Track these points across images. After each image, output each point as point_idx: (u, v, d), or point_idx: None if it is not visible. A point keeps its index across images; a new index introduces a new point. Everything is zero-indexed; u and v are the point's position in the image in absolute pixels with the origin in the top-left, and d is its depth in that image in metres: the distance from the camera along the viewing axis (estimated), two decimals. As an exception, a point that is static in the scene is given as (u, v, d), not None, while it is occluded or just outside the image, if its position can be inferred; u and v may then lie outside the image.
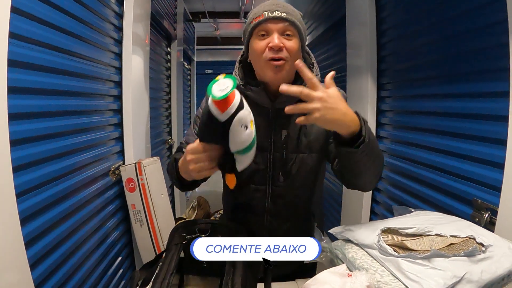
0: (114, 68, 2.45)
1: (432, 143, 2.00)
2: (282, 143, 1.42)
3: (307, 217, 1.61)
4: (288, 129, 1.42)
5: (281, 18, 1.29)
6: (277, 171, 1.44)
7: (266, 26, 1.30)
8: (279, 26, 1.30)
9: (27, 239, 1.37)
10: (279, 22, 1.29)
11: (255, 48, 1.34)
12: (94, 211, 2.08)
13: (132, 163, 2.43)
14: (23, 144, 1.41)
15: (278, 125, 1.42)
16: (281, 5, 1.31)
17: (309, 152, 1.44)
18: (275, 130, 1.42)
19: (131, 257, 2.70)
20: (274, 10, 1.29)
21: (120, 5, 2.52)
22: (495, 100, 1.53)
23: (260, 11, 1.32)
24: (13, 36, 1.31)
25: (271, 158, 1.43)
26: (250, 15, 1.37)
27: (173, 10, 4.67)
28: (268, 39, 1.30)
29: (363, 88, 2.74)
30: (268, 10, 1.30)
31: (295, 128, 1.42)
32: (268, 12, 1.29)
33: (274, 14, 1.29)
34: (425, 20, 2.07)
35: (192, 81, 7.24)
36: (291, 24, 1.31)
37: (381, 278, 0.93)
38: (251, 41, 1.37)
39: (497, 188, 1.45)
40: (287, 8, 1.32)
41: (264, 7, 1.32)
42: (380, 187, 2.67)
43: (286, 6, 1.33)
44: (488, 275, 0.91)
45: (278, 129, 1.42)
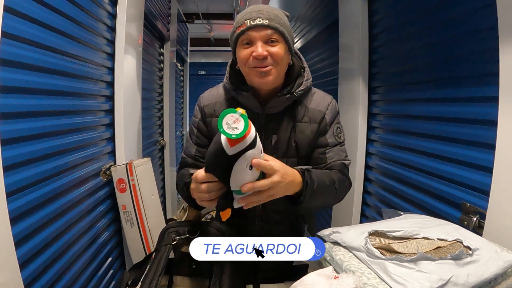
0: (106, 68, 2.44)
1: (422, 146, 2.01)
2: (273, 148, 1.43)
3: (297, 221, 1.62)
4: (278, 134, 1.43)
5: (263, 25, 1.27)
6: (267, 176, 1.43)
7: (249, 35, 1.29)
8: (262, 34, 1.28)
9: (17, 238, 1.37)
10: (262, 30, 1.28)
11: (240, 56, 1.33)
12: (85, 211, 2.07)
13: (123, 163, 2.43)
14: (13, 144, 1.41)
15: (268, 129, 1.43)
16: (263, 11, 1.29)
17: (298, 157, 1.46)
18: (266, 135, 1.43)
19: (122, 257, 2.69)
20: (256, 18, 1.27)
21: (113, 5, 2.52)
22: (484, 105, 1.55)
23: (242, 19, 1.30)
24: (5, 35, 1.31)
25: None
26: (234, 23, 1.36)
27: (167, 11, 4.66)
28: (252, 48, 1.29)
29: (354, 91, 2.76)
30: (249, 18, 1.28)
31: (285, 133, 1.44)
32: (250, 21, 1.27)
33: (256, 22, 1.27)
34: (417, 25, 2.09)
35: (185, 82, 7.22)
36: (275, 30, 1.28)
37: (367, 280, 0.94)
38: (236, 49, 1.37)
39: (486, 192, 1.47)
40: (269, 14, 1.29)
41: (245, 15, 1.30)
42: (370, 190, 2.69)
43: (268, 11, 1.30)
44: (474, 279, 0.92)
45: (268, 133, 1.43)
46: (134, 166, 2.40)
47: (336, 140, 1.48)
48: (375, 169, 2.63)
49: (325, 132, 1.47)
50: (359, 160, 2.74)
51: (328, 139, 1.46)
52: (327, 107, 1.48)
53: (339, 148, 1.48)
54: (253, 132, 0.94)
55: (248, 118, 0.93)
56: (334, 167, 1.43)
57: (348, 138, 2.79)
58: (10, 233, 1.30)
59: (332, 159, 1.45)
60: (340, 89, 3.05)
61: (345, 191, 1.43)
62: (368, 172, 2.74)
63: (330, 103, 1.49)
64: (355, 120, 2.73)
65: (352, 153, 2.75)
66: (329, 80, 3.58)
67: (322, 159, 1.45)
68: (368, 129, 2.73)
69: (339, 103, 2.92)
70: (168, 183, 4.75)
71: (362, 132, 2.72)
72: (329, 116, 1.47)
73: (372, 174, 2.68)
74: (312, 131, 1.45)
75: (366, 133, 2.72)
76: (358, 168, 2.74)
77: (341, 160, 1.46)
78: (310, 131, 1.45)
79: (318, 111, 1.46)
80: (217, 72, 9.58)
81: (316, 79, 1.82)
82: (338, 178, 1.37)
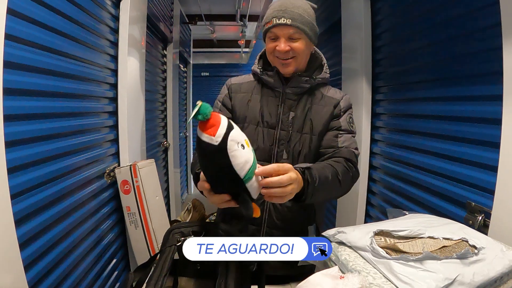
0: (109, 70, 2.45)
1: (426, 146, 2.01)
2: (289, 122, 1.56)
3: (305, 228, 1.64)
4: (295, 111, 1.58)
5: (286, 24, 1.45)
6: (281, 148, 1.56)
7: (274, 32, 1.49)
8: (285, 32, 1.47)
9: (21, 240, 1.37)
10: (285, 29, 1.47)
11: (268, 47, 1.56)
12: (89, 213, 2.07)
13: (127, 165, 2.43)
14: (18, 146, 1.42)
15: (286, 106, 1.59)
16: (288, 11, 1.46)
17: (311, 134, 1.55)
18: (284, 111, 1.58)
19: (126, 259, 2.70)
20: (281, 17, 1.46)
21: (116, 7, 2.52)
22: (488, 103, 1.55)
23: (269, 16, 1.50)
24: (9, 38, 1.32)
25: (277, 136, 1.56)
26: (264, 19, 1.56)
27: (170, 13, 4.67)
28: (276, 43, 1.50)
29: (358, 91, 2.75)
30: (276, 17, 1.47)
31: (302, 112, 1.58)
32: (276, 19, 1.46)
33: (280, 21, 1.46)
34: (420, 24, 2.09)
35: (188, 83, 7.23)
36: (297, 29, 1.46)
37: (373, 280, 0.94)
38: (266, 40, 1.57)
39: (491, 190, 1.46)
40: (293, 14, 1.46)
41: (272, 13, 1.49)
42: (375, 190, 2.68)
43: (293, 11, 1.46)
44: (480, 277, 0.91)
45: (286, 110, 1.58)
46: (138, 168, 2.41)
47: (349, 127, 1.59)
48: (379, 169, 2.62)
49: (338, 116, 1.59)
50: (363, 160, 2.73)
51: (341, 123, 1.58)
52: (342, 97, 1.64)
53: (351, 137, 1.58)
54: (224, 117, 0.98)
55: (271, 96, 1.57)
56: (343, 154, 1.50)
57: (352, 138, 2.80)
58: (15, 234, 1.31)
59: (343, 144, 1.53)
60: (344, 89, 3.04)
61: (350, 182, 1.48)
62: (372, 172, 2.74)
63: (344, 95, 1.66)
64: (359, 120, 2.72)
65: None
66: (333, 80, 3.56)
67: (334, 142, 1.55)
68: (372, 129, 2.72)
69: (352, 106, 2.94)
70: (172, 185, 4.75)
71: (366, 132, 2.71)
72: (343, 104, 1.62)
73: (376, 174, 2.68)
74: (327, 113, 1.58)
75: (370, 132, 2.72)
76: (363, 168, 2.73)
77: (352, 148, 1.54)
78: (325, 113, 1.58)
79: (333, 98, 1.62)
80: (220, 73, 9.52)
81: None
82: (342, 170, 1.41)
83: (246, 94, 1.64)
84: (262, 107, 1.59)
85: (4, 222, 1.26)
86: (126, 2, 2.58)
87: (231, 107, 1.65)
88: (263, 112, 1.58)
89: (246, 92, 1.65)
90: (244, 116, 1.60)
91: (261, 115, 1.58)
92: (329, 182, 1.33)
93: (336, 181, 1.37)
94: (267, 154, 1.56)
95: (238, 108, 1.62)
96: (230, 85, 1.70)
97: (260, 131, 1.57)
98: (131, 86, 2.65)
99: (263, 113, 1.58)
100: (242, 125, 1.59)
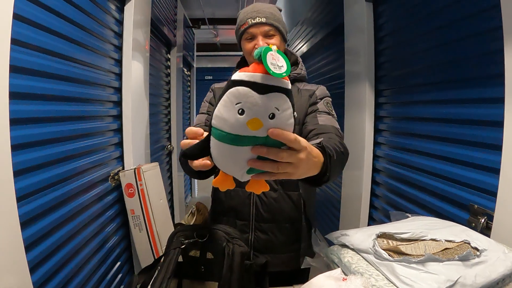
0: (114, 74, 2.47)
1: (429, 149, 2.01)
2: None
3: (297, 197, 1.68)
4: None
5: (262, 23, 1.58)
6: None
7: (251, 31, 1.61)
8: (261, 30, 1.59)
9: (27, 242, 1.38)
10: (261, 27, 1.59)
11: (245, 48, 1.66)
12: (94, 215, 2.09)
13: (132, 168, 2.44)
14: (24, 149, 1.43)
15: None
16: (261, 11, 1.59)
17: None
18: None
19: (130, 261, 2.70)
20: (256, 17, 1.58)
21: (121, 11, 2.54)
22: (490, 106, 1.55)
23: (244, 18, 1.62)
24: (15, 42, 1.33)
25: None
26: (238, 21, 1.67)
27: (173, 17, 4.69)
28: (254, 41, 1.61)
29: (361, 94, 2.76)
30: (250, 17, 1.59)
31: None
32: (251, 19, 1.59)
33: (256, 20, 1.58)
34: (422, 27, 2.09)
35: (191, 87, 7.25)
36: (271, 26, 1.59)
37: (376, 282, 0.94)
38: (241, 42, 1.68)
39: (493, 193, 1.47)
40: (265, 13, 1.59)
41: (247, 15, 1.61)
42: (378, 193, 2.68)
43: (265, 10, 1.60)
44: (482, 279, 0.92)
45: None
46: (143, 171, 2.42)
47: (327, 109, 1.61)
48: (383, 172, 2.63)
49: (315, 103, 1.64)
50: (367, 162, 2.73)
51: (318, 106, 1.62)
52: (317, 87, 1.70)
53: (331, 117, 1.57)
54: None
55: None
56: (329, 130, 1.46)
57: (355, 142, 2.80)
58: (20, 237, 1.32)
59: (323, 122, 1.53)
60: (347, 92, 3.06)
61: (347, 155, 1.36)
62: (375, 175, 2.74)
63: (320, 86, 1.72)
64: (362, 123, 2.73)
65: (359, 156, 2.76)
66: (335, 83, 3.58)
67: (314, 121, 1.55)
68: (375, 132, 2.72)
69: (345, 107, 2.94)
70: (176, 188, 4.76)
71: (369, 135, 2.71)
72: (319, 93, 1.67)
73: (379, 177, 2.68)
74: (304, 103, 1.64)
75: (373, 136, 2.72)
76: (366, 171, 2.74)
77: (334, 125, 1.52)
78: (302, 103, 1.64)
79: (308, 90, 1.69)
80: (224, 77, 9.47)
81: (322, 83, 1.87)
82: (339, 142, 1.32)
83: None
84: None
85: (10, 224, 1.27)
86: (130, 6, 2.59)
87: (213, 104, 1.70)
88: None
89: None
90: None
91: None
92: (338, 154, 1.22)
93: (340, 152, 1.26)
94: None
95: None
96: (214, 88, 1.83)
97: None
98: (135, 90, 2.67)
99: None
100: None
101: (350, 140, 2.86)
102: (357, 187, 2.84)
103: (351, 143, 2.82)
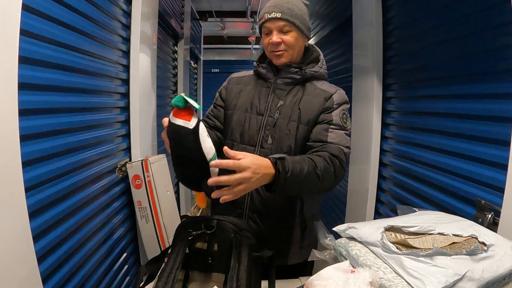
0: (121, 66, 2.47)
1: (436, 143, 2.00)
2: (276, 110, 1.64)
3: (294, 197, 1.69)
4: (284, 100, 1.66)
5: (276, 18, 1.58)
6: (267, 134, 1.63)
7: (267, 26, 1.63)
8: (276, 25, 1.60)
9: (35, 232, 1.39)
10: (276, 22, 1.60)
11: (263, 43, 1.69)
12: (101, 207, 2.10)
13: (139, 160, 2.45)
14: (32, 140, 1.44)
15: (276, 95, 1.67)
16: (278, 6, 1.59)
17: (298, 122, 1.59)
18: (273, 99, 1.67)
19: (136, 253, 2.72)
20: (272, 12, 1.59)
21: (129, 3, 2.54)
22: (498, 101, 1.54)
23: (262, 13, 1.65)
24: (24, 34, 1.33)
25: (264, 121, 1.64)
26: (258, 16, 1.73)
27: (181, 9, 4.68)
28: (270, 36, 1.63)
29: (369, 88, 2.75)
30: (267, 12, 1.61)
31: (291, 100, 1.65)
32: (267, 14, 1.60)
33: (271, 15, 1.59)
34: (431, 21, 2.08)
35: (198, 79, 7.25)
36: (286, 22, 1.59)
37: (383, 275, 0.95)
38: (262, 37, 1.70)
39: (501, 188, 1.46)
40: (282, 8, 1.59)
41: (266, 9, 1.63)
42: (384, 187, 2.68)
43: (282, 5, 1.59)
44: (489, 274, 0.92)
45: (276, 98, 1.67)
46: (150, 163, 2.42)
47: (342, 123, 1.59)
48: (390, 166, 2.62)
49: (330, 109, 1.61)
50: (373, 157, 2.73)
51: (333, 117, 1.59)
52: (335, 90, 1.66)
53: (343, 133, 1.57)
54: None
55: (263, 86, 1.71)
56: (330, 149, 1.50)
57: (363, 135, 2.79)
58: (28, 227, 1.32)
59: (332, 140, 1.53)
60: (354, 86, 3.05)
61: (333, 178, 1.47)
62: (382, 169, 2.73)
63: (339, 89, 1.69)
64: (369, 117, 2.73)
65: (366, 150, 2.76)
66: (343, 77, 3.57)
67: (322, 135, 1.56)
68: (383, 126, 2.71)
69: (353, 100, 2.93)
70: (183, 180, 4.76)
71: (377, 129, 2.71)
72: (336, 98, 1.64)
73: (386, 171, 2.67)
74: (317, 104, 1.62)
75: (380, 130, 2.71)
76: (372, 165, 2.73)
77: (341, 145, 1.53)
78: (315, 103, 1.62)
79: (326, 91, 1.65)
80: (231, 69, 9.49)
81: (330, 76, 1.86)
82: (322, 165, 1.41)
83: (242, 85, 1.76)
84: (253, 95, 1.69)
85: (18, 215, 1.28)
86: (138, -2, 2.59)
87: (224, 97, 1.80)
88: (253, 100, 1.67)
89: (243, 84, 1.77)
90: (234, 103, 1.71)
91: (250, 102, 1.67)
92: (304, 175, 1.34)
93: (314, 175, 1.38)
94: (252, 139, 1.65)
95: (230, 97, 1.74)
96: (231, 78, 1.86)
97: (248, 117, 1.66)
98: (142, 81, 2.67)
99: (253, 101, 1.67)
100: (232, 111, 1.71)
101: (357, 134, 2.85)
102: (364, 181, 2.84)
103: (358, 137, 2.83)
